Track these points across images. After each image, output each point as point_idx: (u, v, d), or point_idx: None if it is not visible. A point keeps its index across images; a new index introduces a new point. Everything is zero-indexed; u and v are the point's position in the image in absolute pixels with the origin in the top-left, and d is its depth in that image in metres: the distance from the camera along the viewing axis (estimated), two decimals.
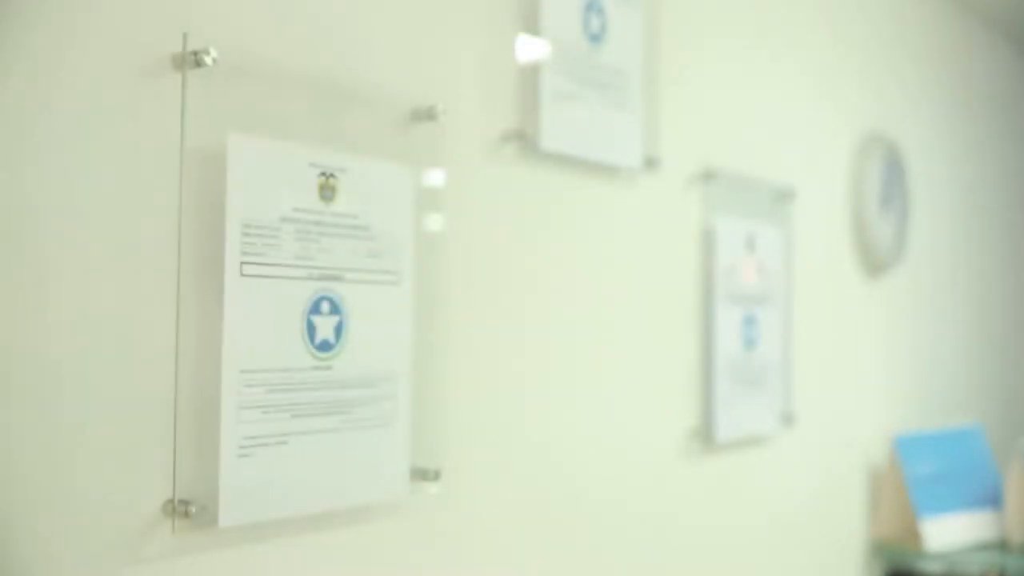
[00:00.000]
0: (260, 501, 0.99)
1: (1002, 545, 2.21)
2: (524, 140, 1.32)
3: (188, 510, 0.93)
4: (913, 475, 2.20)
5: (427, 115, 1.17)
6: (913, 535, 2.21)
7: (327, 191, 1.05)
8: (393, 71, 1.18)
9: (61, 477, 0.87)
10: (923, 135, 2.61)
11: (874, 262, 2.32)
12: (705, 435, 1.69)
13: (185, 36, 0.95)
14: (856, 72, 2.30)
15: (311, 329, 1.03)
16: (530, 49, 1.34)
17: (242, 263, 0.97)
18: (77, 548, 0.88)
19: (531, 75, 1.34)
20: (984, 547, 2.20)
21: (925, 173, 2.57)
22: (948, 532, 2.18)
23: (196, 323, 0.95)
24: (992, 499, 2.26)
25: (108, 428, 0.90)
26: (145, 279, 0.93)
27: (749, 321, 1.78)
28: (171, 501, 0.93)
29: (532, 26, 1.34)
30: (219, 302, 0.95)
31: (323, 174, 1.04)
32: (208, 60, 0.94)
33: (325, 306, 1.05)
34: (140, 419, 0.92)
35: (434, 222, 1.20)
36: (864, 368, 2.32)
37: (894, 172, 2.37)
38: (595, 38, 1.44)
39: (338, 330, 1.06)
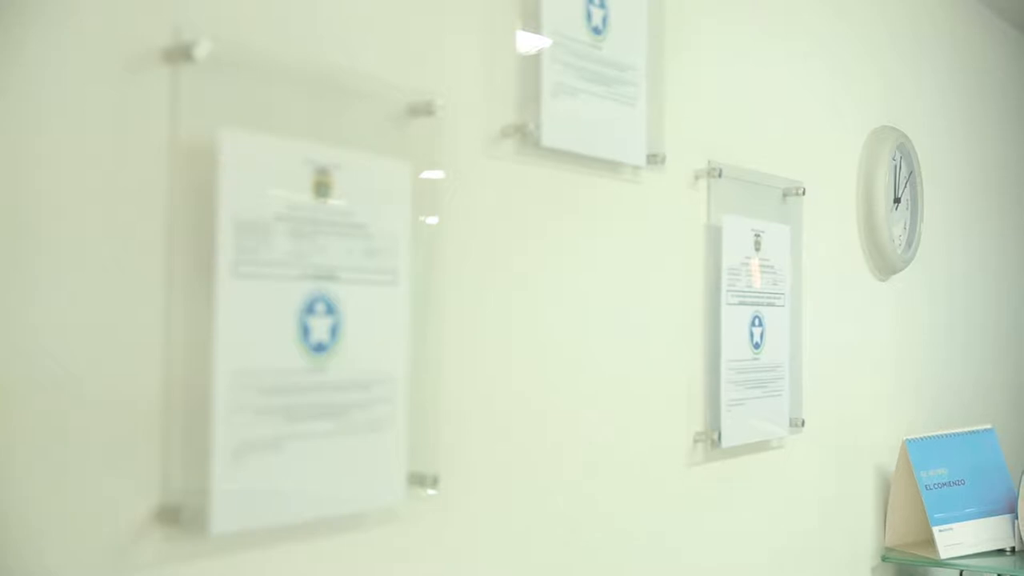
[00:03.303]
0: (252, 507, 0.97)
1: (1016, 552, 2.17)
2: (524, 135, 1.30)
3: (178, 517, 0.92)
4: (925, 480, 2.17)
5: (425, 110, 1.16)
6: (926, 542, 2.18)
7: (322, 188, 1.03)
8: (390, 64, 1.16)
9: (48, 483, 0.85)
10: (936, 131, 2.58)
11: (885, 261, 2.29)
12: (711, 440, 1.66)
13: (176, 29, 0.93)
14: (867, 66, 2.28)
15: (305, 330, 1.01)
16: (530, 42, 1.32)
17: (234, 262, 0.95)
18: (65, 556, 0.86)
19: (532, 68, 1.32)
20: (998, 554, 2.16)
21: (938, 170, 2.54)
22: (962, 539, 2.15)
23: (187, 323, 0.94)
24: (1006, 504, 2.23)
25: (96, 432, 0.88)
26: (134, 279, 0.91)
27: (756, 322, 1.75)
28: (161, 507, 0.91)
29: (533, 18, 1.32)
30: (211, 302, 0.94)
31: (318, 170, 1.03)
32: (199, 53, 0.93)
33: (320, 306, 1.02)
34: (129, 422, 0.91)
35: (432, 220, 1.18)
36: (875, 370, 2.29)
37: (906, 169, 2.34)
38: (597, 30, 1.41)
39: (333, 331, 1.03)
